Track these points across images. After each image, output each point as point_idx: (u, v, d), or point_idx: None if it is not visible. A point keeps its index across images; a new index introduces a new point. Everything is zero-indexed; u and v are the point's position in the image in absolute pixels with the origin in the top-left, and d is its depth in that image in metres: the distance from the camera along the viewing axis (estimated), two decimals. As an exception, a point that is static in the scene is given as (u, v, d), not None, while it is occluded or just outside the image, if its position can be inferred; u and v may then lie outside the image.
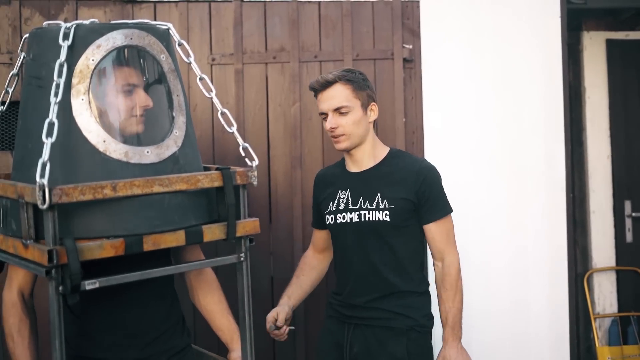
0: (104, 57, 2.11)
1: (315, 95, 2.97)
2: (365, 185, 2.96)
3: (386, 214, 2.88)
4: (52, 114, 1.98)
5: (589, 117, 5.16)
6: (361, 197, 2.94)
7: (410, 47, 3.94)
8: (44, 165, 1.89)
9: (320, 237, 3.20)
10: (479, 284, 4.00)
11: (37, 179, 1.86)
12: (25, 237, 2.00)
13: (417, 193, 2.91)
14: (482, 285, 4.00)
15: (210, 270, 2.69)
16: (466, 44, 3.98)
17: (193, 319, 3.42)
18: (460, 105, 3.98)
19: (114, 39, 2.12)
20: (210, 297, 2.64)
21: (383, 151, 3.02)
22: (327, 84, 2.89)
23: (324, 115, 2.93)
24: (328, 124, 2.89)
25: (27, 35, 2.32)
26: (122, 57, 2.19)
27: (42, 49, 2.16)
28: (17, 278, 2.39)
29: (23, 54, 2.40)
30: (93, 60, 2.10)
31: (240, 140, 2.30)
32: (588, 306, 5.03)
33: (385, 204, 2.89)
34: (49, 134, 1.95)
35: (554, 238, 4.04)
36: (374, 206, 2.91)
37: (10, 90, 2.47)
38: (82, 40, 2.10)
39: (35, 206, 1.94)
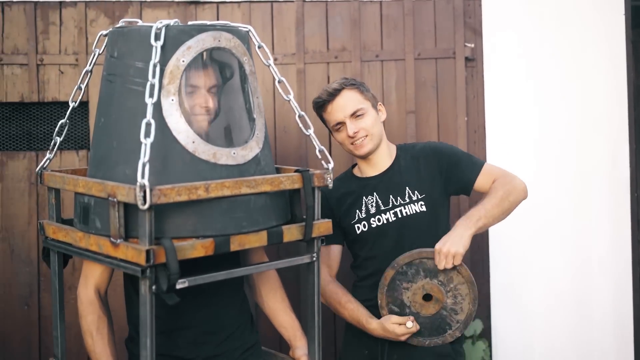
0: (194, 58, 2.14)
1: (323, 109, 2.93)
2: (391, 183, 2.93)
3: (421, 204, 2.87)
4: (149, 115, 1.99)
5: (654, 116, 5.08)
6: (391, 196, 2.91)
7: (472, 45, 3.92)
8: (144, 166, 1.92)
9: (336, 254, 3.04)
10: (542, 286, 3.96)
11: (138, 179, 1.89)
12: (115, 235, 2.02)
13: (442, 171, 2.90)
14: (545, 286, 3.96)
15: (274, 270, 2.71)
16: (528, 42, 3.94)
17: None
18: (522, 104, 3.95)
19: (203, 41, 2.15)
20: (273, 294, 2.66)
21: (394, 148, 3.03)
22: (335, 92, 2.88)
23: (338, 126, 2.90)
24: (350, 130, 2.86)
25: (103, 32, 2.34)
26: (211, 59, 2.23)
27: (130, 48, 2.16)
28: (94, 276, 2.41)
29: (98, 50, 2.41)
30: (183, 61, 2.12)
31: (317, 143, 2.34)
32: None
33: (417, 195, 2.88)
34: (147, 135, 1.97)
35: (618, 238, 3.99)
36: (407, 200, 2.89)
37: (83, 87, 2.47)
38: (172, 41, 2.11)
39: (125, 205, 1.97)
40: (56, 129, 2.48)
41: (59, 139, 2.48)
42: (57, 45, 3.76)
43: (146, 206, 1.88)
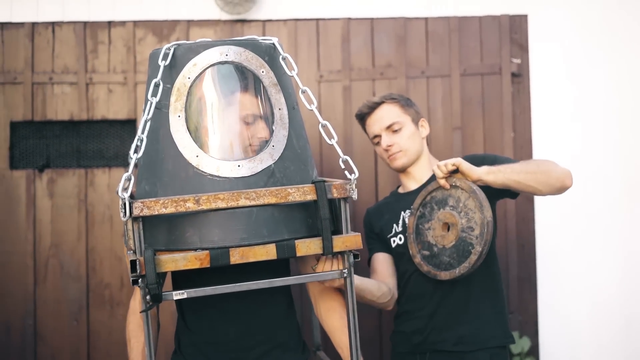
0: (199, 74, 2.20)
1: (364, 122, 3.02)
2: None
3: None
4: (140, 131, 2.09)
5: None
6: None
7: (519, 61, 3.90)
8: (127, 180, 2.00)
9: (381, 260, 3.01)
10: (590, 303, 3.91)
11: (119, 192, 1.97)
12: (128, 247, 2.15)
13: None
14: (593, 303, 3.91)
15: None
16: (576, 57, 3.91)
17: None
18: (570, 120, 3.91)
19: (209, 57, 2.21)
20: (332, 312, 2.57)
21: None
22: (375, 106, 2.95)
23: (377, 139, 2.97)
24: (383, 143, 2.92)
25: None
26: (217, 74, 2.24)
27: (152, 70, 2.27)
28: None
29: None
30: (189, 78, 2.20)
31: (340, 152, 2.29)
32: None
33: None
34: (136, 150, 2.06)
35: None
36: None
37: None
38: (180, 59, 2.21)
39: (135, 218, 2.04)
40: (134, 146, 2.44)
41: (136, 156, 2.34)
42: (105, 63, 3.82)
43: (125, 218, 1.97)
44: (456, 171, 2.65)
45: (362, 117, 3.01)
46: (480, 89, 3.89)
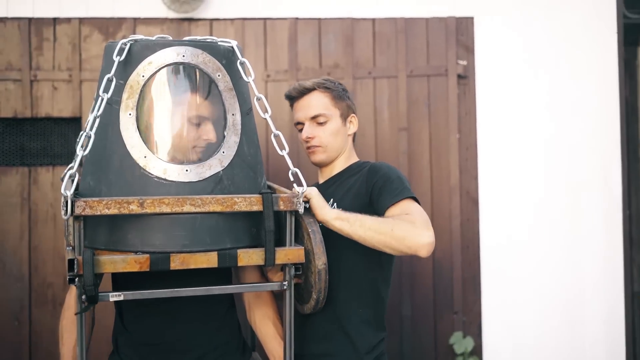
0: (154, 73, 2.15)
1: (291, 105, 2.75)
2: (324, 193, 2.55)
3: None
4: (89, 127, 2.05)
5: (645, 134, 5.08)
6: None
7: (465, 63, 3.93)
8: (71, 177, 1.97)
9: None
10: (533, 304, 3.95)
11: (62, 190, 1.93)
12: (67, 243, 2.12)
13: (368, 191, 2.54)
14: (536, 304, 3.95)
15: (268, 292, 2.59)
16: (521, 59, 3.96)
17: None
18: (514, 122, 3.95)
19: (166, 56, 2.16)
20: (267, 319, 2.55)
21: (352, 162, 2.76)
22: (305, 91, 2.68)
23: (300, 126, 2.70)
24: (304, 134, 2.66)
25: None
26: (172, 74, 2.19)
27: (106, 64, 2.21)
28: None
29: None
30: (143, 76, 2.14)
31: (290, 164, 2.27)
32: (644, 326, 4.93)
33: (334, 208, 2.54)
34: (83, 147, 2.02)
35: (610, 256, 3.98)
36: None
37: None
38: (135, 56, 2.15)
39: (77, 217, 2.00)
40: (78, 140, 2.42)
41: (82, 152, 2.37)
42: (50, 61, 3.78)
43: (67, 217, 1.94)
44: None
45: (291, 99, 2.74)
46: (427, 90, 3.91)
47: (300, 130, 2.71)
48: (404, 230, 2.29)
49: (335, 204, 2.59)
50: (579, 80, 3.98)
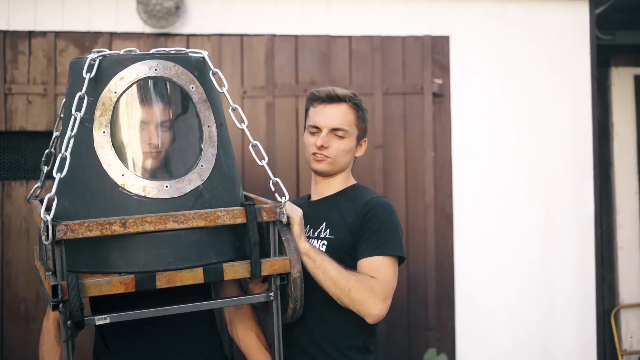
0: (126, 89, 2.08)
1: (313, 105, 2.63)
2: (317, 213, 2.63)
3: (323, 244, 2.56)
4: (64, 148, 1.97)
5: (617, 153, 5.16)
6: (309, 225, 2.61)
7: (440, 81, 3.96)
8: (50, 201, 1.89)
9: None
10: (507, 321, 3.98)
11: (42, 214, 1.86)
12: (46, 268, 2.03)
13: (362, 227, 2.52)
14: (510, 322, 3.98)
15: (249, 304, 2.58)
16: (496, 79, 4.00)
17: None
18: (489, 140, 3.99)
19: (138, 71, 2.09)
20: (250, 331, 2.55)
21: (349, 184, 2.70)
22: (335, 99, 2.58)
23: (315, 130, 2.59)
24: (319, 141, 2.55)
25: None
26: (145, 89, 2.14)
27: (74, 81, 2.14)
28: None
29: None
30: (115, 92, 2.07)
31: (270, 174, 2.25)
32: (615, 343, 4.98)
33: (326, 234, 2.58)
34: (60, 169, 1.94)
35: (582, 274, 4.03)
36: (316, 235, 2.59)
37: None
38: (106, 71, 2.07)
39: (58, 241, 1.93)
40: (42, 159, 2.42)
41: (46, 168, 2.41)
42: (25, 74, 3.76)
43: (48, 242, 1.87)
44: None
45: (315, 100, 2.62)
46: (402, 108, 3.94)
47: (312, 133, 2.61)
48: (361, 295, 2.36)
49: (328, 229, 2.57)
50: (553, 100, 4.04)
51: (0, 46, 3.74)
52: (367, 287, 2.36)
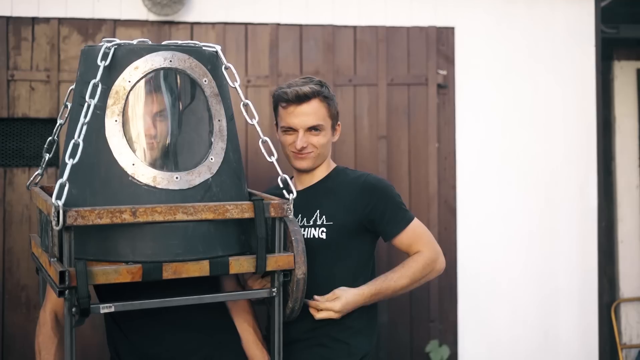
0: (140, 79, 2.09)
1: (282, 105, 2.60)
2: (307, 202, 2.63)
3: (322, 231, 2.60)
4: (77, 135, 1.97)
5: (619, 147, 5.16)
6: (300, 215, 2.63)
7: (445, 72, 3.95)
8: (62, 187, 1.89)
9: None
10: (509, 313, 3.98)
11: (53, 200, 1.86)
12: (51, 254, 2.01)
13: (366, 211, 2.58)
14: (512, 314, 3.98)
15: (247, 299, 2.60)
16: (500, 70, 3.99)
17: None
18: (493, 132, 3.99)
19: (152, 61, 2.10)
20: (247, 325, 2.57)
21: (332, 169, 2.72)
22: (304, 98, 2.55)
23: (290, 131, 2.59)
24: (299, 143, 2.56)
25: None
26: (159, 80, 2.14)
27: (87, 68, 2.14)
28: (52, 298, 2.40)
29: None
30: (129, 82, 2.08)
31: (279, 170, 2.25)
32: (615, 336, 4.99)
33: (323, 221, 2.61)
34: (72, 155, 1.94)
35: (584, 267, 4.03)
36: (311, 223, 2.62)
37: (70, 105, 2.40)
38: (120, 61, 2.08)
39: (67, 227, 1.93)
40: (45, 146, 2.44)
41: (48, 156, 2.43)
42: (28, 61, 3.73)
43: (59, 227, 1.86)
44: None
45: (284, 101, 2.59)
46: (407, 99, 3.93)
47: (287, 133, 2.62)
48: (427, 270, 2.60)
49: (324, 216, 2.60)
50: (557, 93, 4.03)
51: (3, 32, 3.71)
52: (424, 262, 2.59)
